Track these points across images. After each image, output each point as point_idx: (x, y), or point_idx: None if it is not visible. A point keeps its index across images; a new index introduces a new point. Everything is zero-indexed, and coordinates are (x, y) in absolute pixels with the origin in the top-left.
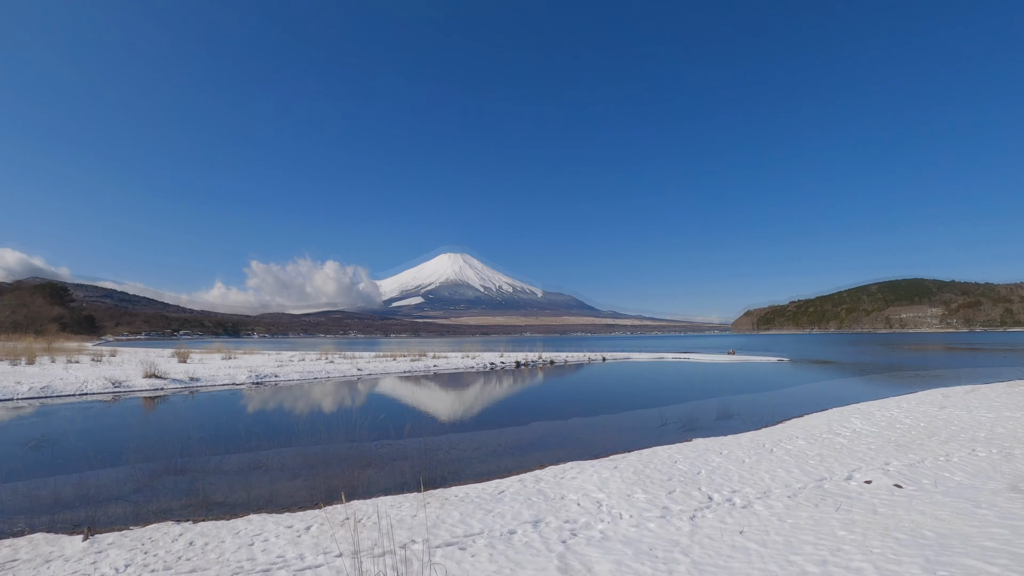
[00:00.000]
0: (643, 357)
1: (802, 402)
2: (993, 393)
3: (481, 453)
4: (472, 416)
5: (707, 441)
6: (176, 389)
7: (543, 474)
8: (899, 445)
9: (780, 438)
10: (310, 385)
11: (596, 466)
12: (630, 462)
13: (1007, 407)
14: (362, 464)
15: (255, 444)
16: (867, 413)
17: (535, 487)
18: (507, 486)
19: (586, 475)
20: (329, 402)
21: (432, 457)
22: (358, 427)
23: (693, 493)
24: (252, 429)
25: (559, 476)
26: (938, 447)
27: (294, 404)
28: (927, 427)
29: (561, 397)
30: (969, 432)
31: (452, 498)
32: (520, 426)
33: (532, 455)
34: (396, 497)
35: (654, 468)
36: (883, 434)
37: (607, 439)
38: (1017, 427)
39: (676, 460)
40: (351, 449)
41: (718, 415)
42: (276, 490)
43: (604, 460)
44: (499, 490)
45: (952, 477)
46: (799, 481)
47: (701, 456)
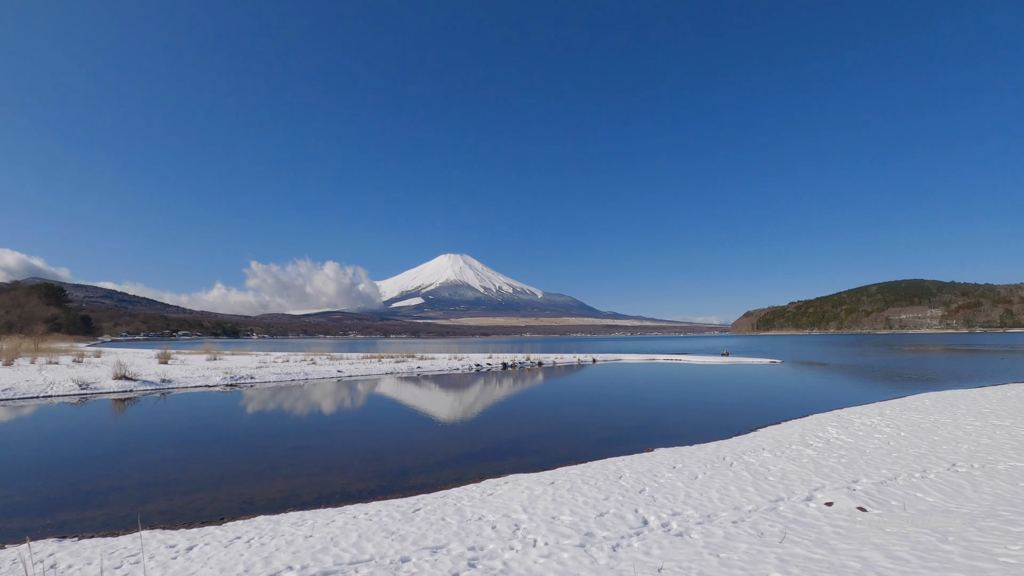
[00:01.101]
0: (634, 359)
1: (783, 407)
2: (983, 398)
3: (422, 463)
4: (430, 421)
5: (667, 452)
6: (146, 391)
7: (472, 490)
8: (873, 459)
9: (745, 449)
10: (284, 387)
11: (534, 480)
12: (571, 476)
13: (996, 414)
14: (280, 474)
15: (156, 457)
16: (846, 421)
17: (455, 505)
18: (427, 503)
19: (518, 491)
20: (287, 406)
21: (365, 468)
22: (299, 433)
23: (627, 516)
24: (180, 437)
25: (487, 492)
26: (915, 461)
27: (251, 408)
28: (908, 437)
29: (533, 401)
30: (952, 443)
31: (361, 516)
32: (475, 434)
33: (476, 466)
34: (303, 513)
35: (594, 483)
36: (859, 445)
37: (562, 448)
38: (1004, 437)
39: (623, 474)
40: (279, 455)
41: (691, 421)
42: (154, 510)
43: (546, 473)
44: (416, 508)
45: (925, 498)
46: (751, 502)
47: (651, 470)
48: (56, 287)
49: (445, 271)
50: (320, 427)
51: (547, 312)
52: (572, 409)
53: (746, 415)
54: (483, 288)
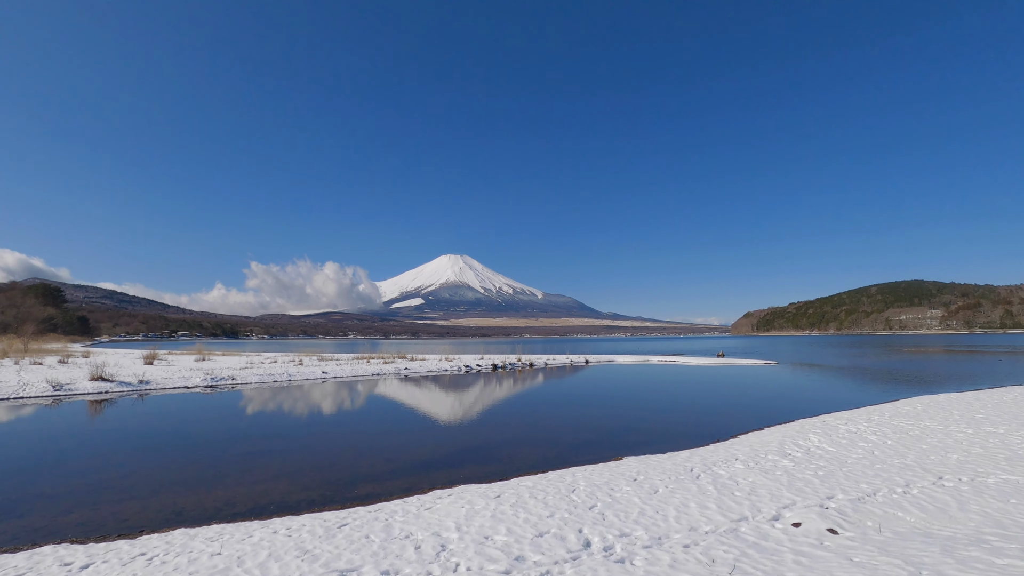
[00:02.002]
0: (628, 360)
1: (769, 412)
2: (978, 402)
3: (376, 471)
4: (399, 425)
5: (634, 461)
6: (122, 392)
7: (413, 502)
8: (854, 471)
9: (718, 459)
10: (264, 389)
11: (480, 492)
12: (521, 488)
13: (990, 419)
14: (225, 481)
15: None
16: (831, 427)
17: (386, 520)
18: (357, 517)
19: (458, 504)
20: (260, 408)
21: (315, 475)
22: (261, 437)
23: (568, 536)
24: (136, 440)
25: (426, 506)
26: (899, 473)
27: (222, 410)
28: (894, 446)
29: (513, 404)
30: (940, 453)
31: (283, 531)
32: (442, 439)
33: (431, 474)
34: (225, 527)
35: (543, 498)
36: (840, 455)
37: (528, 456)
38: (997, 446)
39: (577, 487)
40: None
41: (671, 426)
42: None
43: (496, 485)
44: (343, 522)
45: (905, 518)
46: (710, 522)
47: (610, 482)
48: (53, 287)
49: (445, 272)
50: (284, 431)
51: (547, 313)
52: (551, 413)
53: (729, 420)
54: (483, 289)
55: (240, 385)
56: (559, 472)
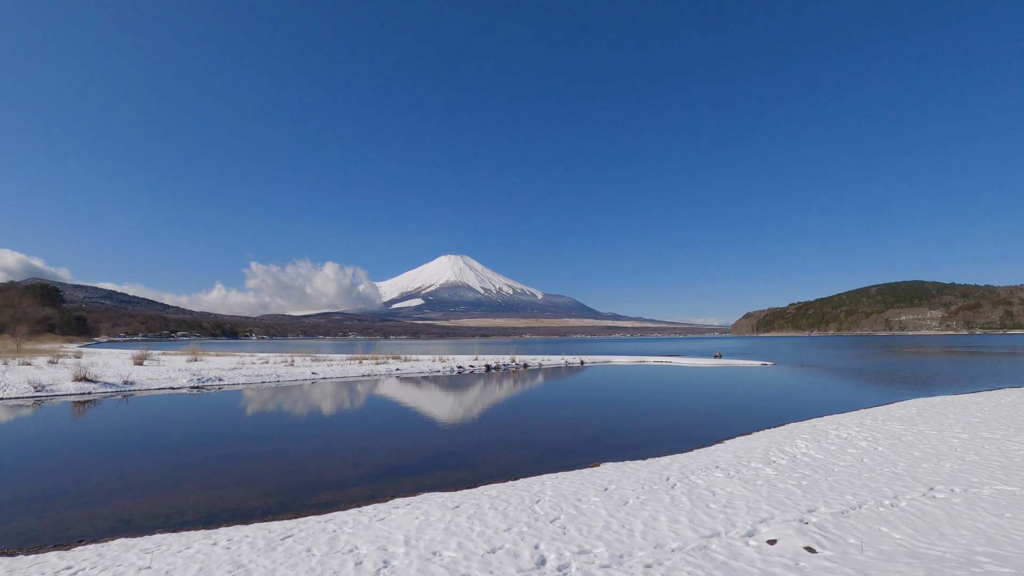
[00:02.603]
0: (624, 361)
1: (759, 415)
2: (975, 405)
3: (342, 476)
4: (377, 428)
5: (611, 468)
6: (105, 393)
7: (368, 512)
8: (839, 480)
9: (697, 467)
10: (250, 390)
11: (438, 502)
12: (484, 498)
13: (987, 424)
14: (183, 486)
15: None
16: (820, 432)
17: (334, 532)
18: (305, 528)
19: (413, 515)
20: (240, 410)
21: (278, 480)
22: (233, 439)
23: (523, 553)
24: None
25: (379, 516)
26: (888, 483)
27: (200, 412)
28: (884, 453)
29: (499, 407)
30: (933, 461)
31: (223, 543)
32: (417, 443)
33: (398, 481)
34: (166, 536)
35: (504, 509)
36: (826, 463)
37: (502, 462)
38: (993, 453)
39: (543, 497)
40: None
41: (657, 430)
42: None
43: (458, 494)
44: (288, 534)
45: (890, 535)
46: (679, 538)
47: (579, 492)
48: (51, 287)
49: (445, 272)
50: (260, 433)
51: (547, 313)
52: (536, 415)
53: (718, 424)
54: (483, 289)
55: (227, 386)
56: (529, 480)
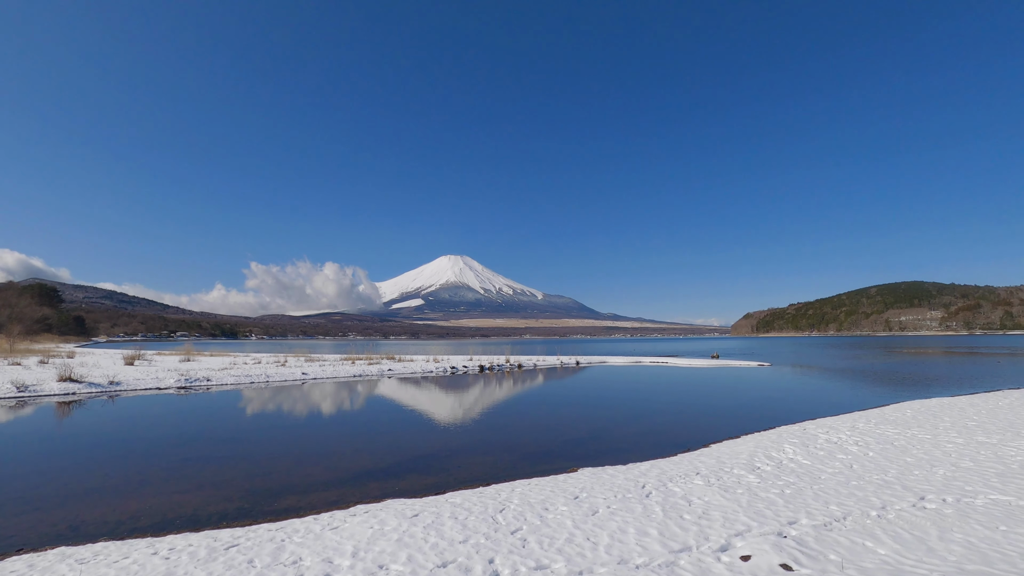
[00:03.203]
0: (620, 361)
1: (749, 418)
2: (972, 408)
3: (308, 481)
4: (355, 430)
5: (588, 473)
6: (90, 394)
7: (323, 520)
8: (825, 489)
9: (677, 473)
10: (238, 390)
11: (397, 511)
12: (446, 506)
13: (983, 428)
14: (144, 491)
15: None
16: (810, 436)
17: (282, 541)
18: (253, 537)
19: (368, 524)
20: (221, 410)
21: (241, 485)
22: (206, 441)
23: (475, 568)
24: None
25: (334, 524)
26: (877, 492)
27: (180, 413)
28: (875, 459)
29: (486, 408)
30: (926, 467)
31: (163, 552)
32: (393, 446)
33: (363, 487)
34: (107, 545)
35: (464, 518)
36: (814, 469)
37: (477, 466)
38: (989, 459)
39: (508, 505)
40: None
41: (643, 433)
42: None
43: (423, 500)
44: (233, 543)
45: (875, 550)
46: (646, 552)
47: (547, 500)
48: (49, 287)
49: (445, 272)
50: (237, 435)
51: (547, 314)
52: (522, 417)
53: (706, 426)
54: (483, 289)
55: (215, 387)
56: (498, 487)
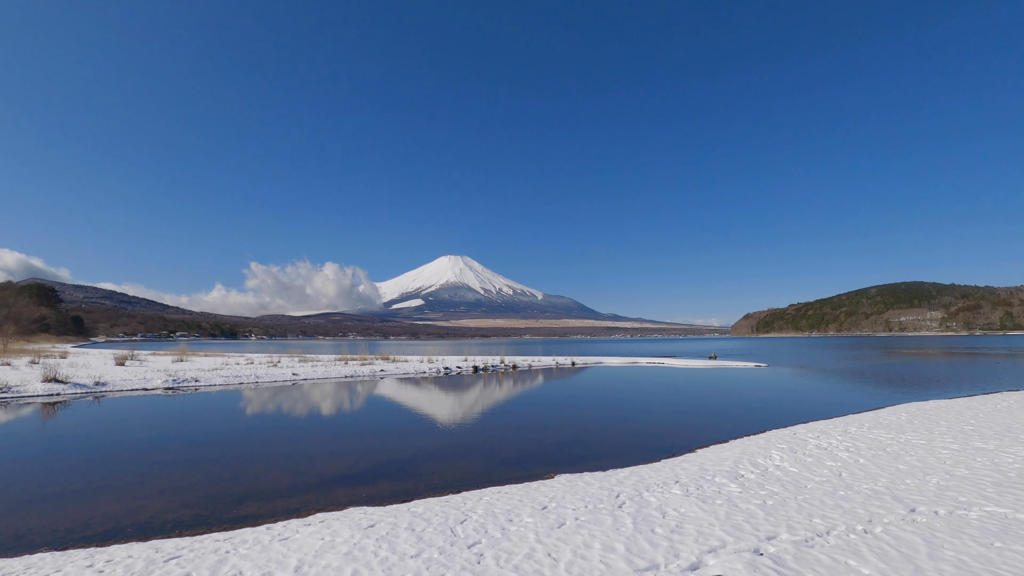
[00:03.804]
0: (616, 362)
1: (739, 421)
2: (969, 411)
3: (274, 486)
4: (330, 433)
5: (565, 480)
6: (75, 395)
7: (275, 529)
8: (811, 499)
9: (656, 481)
10: (225, 391)
11: (353, 521)
12: (406, 517)
13: (980, 433)
14: (103, 496)
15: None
16: (799, 441)
17: (225, 553)
18: (198, 548)
19: (319, 536)
20: (201, 412)
21: (204, 490)
22: (177, 444)
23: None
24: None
25: (284, 535)
26: (865, 503)
27: (159, 414)
28: (866, 466)
29: (473, 410)
30: (918, 476)
31: (100, 564)
32: (368, 450)
33: (330, 493)
34: (44, 556)
35: (421, 531)
36: (800, 478)
37: (449, 472)
38: (985, 467)
39: (470, 516)
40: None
41: (629, 437)
42: None
43: (384, 509)
44: (176, 555)
45: (859, 570)
46: (608, 571)
47: (511, 511)
48: (47, 287)
49: (445, 273)
50: (213, 437)
51: (547, 314)
52: (508, 420)
53: (694, 430)
54: (483, 290)
55: (203, 387)
56: (467, 495)
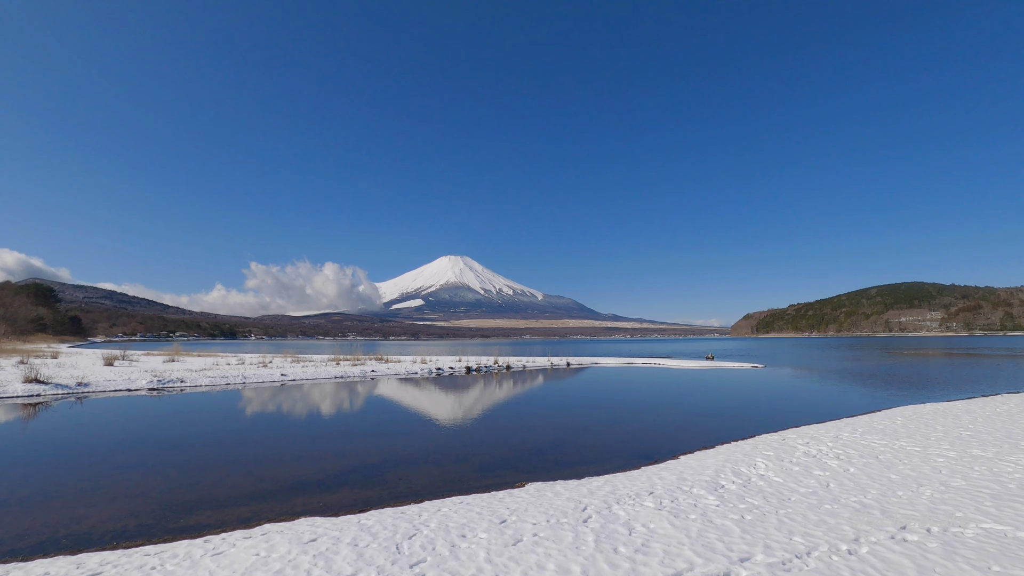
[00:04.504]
0: (611, 363)
1: (727, 426)
2: (968, 415)
3: (231, 493)
4: (307, 435)
5: (534, 489)
6: (56, 395)
7: (210, 543)
8: (793, 514)
9: (628, 493)
10: (209, 392)
11: (297, 533)
12: (351, 530)
13: (979, 439)
14: (49, 504)
15: None
16: (788, 448)
17: (150, 570)
18: (119, 564)
19: (254, 551)
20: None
21: (158, 497)
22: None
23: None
24: None
25: (217, 550)
26: (851, 519)
27: (135, 416)
28: (856, 476)
29: (455, 413)
30: (912, 487)
31: None
32: (335, 456)
33: (287, 501)
34: None
35: (363, 547)
36: (784, 489)
37: (417, 479)
38: (984, 478)
39: (420, 531)
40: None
41: (609, 442)
42: None
43: (335, 520)
44: (97, 570)
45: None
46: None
47: (465, 526)
48: (45, 287)
49: (445, 273)
50: (180, 440)
51: (547, 314)
52: (491, 423)
53: (680, 435)
54: (483, 290)
55: (188, 388)
56: (424, 506)
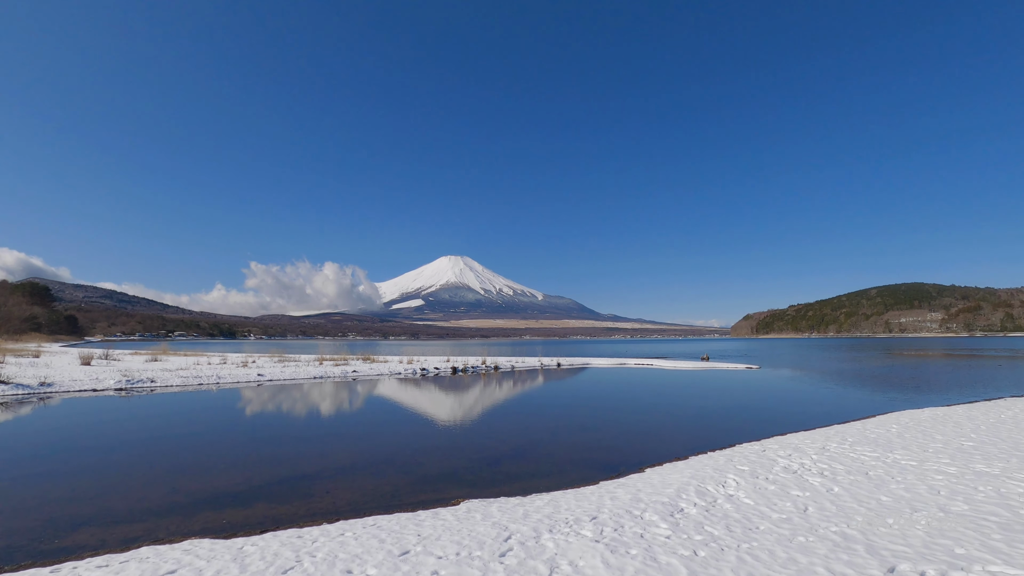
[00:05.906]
0: (603, 363)
1: (705, 433)
2: (970, 422)
3: (130, 509)
4: (245, 442)
5: (464, 509)
6: (16, 395)
7: (59, 573)
8: (757, 550)
9: (566, 518)
10: (179, 392)
11: (157, 561)
12: (221, 560)
13: (982, 451)
14: None
15: None
16: (767, 461)
17: None
18: None
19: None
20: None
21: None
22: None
23: None
24: None
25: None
26: (827, 559)
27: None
28: (840, 496)
29: (421, 416)
30: (904, 513)
31: None
32: (266, 466)
33: (187, 519)
34: None
35: None
36: (753, 515)
37: (346, 493)
38: (990, 501)
39: (298, 565)
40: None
41: (573, 452)
42: None
43: (220, 543)
44: None
45: None
46: None
47: (360, 556)
48: (41, 286)
49: (445, 273)
50: (116, 444)
51: (547, 314)
52: (455, 427)
53: (652, 444)
54: (483, 290)
55: (158, 388)
56: (326, 528)
